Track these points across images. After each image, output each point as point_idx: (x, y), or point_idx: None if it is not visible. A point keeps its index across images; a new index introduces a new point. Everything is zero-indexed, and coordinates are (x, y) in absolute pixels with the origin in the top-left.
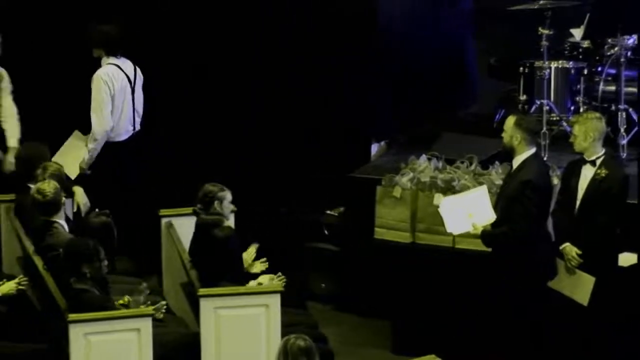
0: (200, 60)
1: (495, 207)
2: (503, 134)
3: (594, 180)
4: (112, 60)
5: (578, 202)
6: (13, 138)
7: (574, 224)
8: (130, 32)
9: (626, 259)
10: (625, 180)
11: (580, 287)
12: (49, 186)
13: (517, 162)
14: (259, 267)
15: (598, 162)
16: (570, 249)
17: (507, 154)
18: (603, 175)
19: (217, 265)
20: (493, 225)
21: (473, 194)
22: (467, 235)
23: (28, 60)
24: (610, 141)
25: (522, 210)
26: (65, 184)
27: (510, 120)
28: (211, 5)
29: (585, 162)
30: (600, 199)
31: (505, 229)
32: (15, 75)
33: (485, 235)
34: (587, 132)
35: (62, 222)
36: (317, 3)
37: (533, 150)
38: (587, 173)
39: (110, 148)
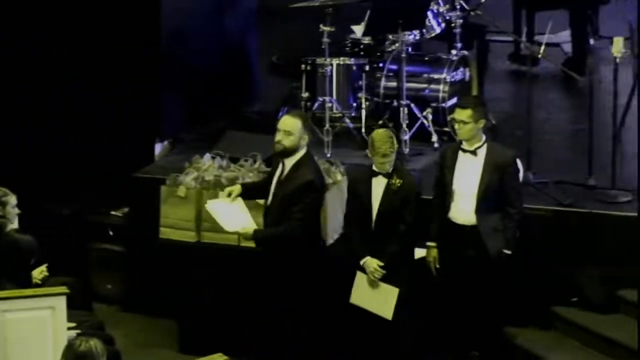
0: None
1: (269, 208)
2: (285, 137)
3: (388, 191)
4: None
5: (374, 215)
6: None
7: (372, 237)
8: None
9: (418, 253)
10: (417, 184)
11: (384, 301)
12: None
13: (291, 161)
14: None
15: (391, 172)
16: (371, 262)
17: (284, 155)
18: (398, 184)
19: None
20: (268, 225)
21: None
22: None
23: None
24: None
25: (302, 209)
26: None
27: (297, 123)
28: None
29: (376, 174)
30: (399, 209)
31: (283, 228)
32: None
33: (260, 235)
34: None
35: None
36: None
37: (305, 148)
38: (379, 184)
39: None
